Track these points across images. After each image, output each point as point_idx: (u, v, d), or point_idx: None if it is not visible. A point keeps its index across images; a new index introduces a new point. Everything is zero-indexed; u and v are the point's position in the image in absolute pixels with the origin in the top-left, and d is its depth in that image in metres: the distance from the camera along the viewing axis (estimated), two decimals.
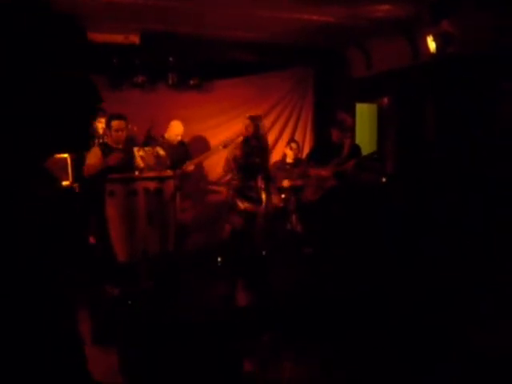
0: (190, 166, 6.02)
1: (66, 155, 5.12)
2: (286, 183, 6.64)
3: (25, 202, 1.22)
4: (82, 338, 1.43)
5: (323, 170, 5.78)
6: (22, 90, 1.19)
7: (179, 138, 6.31)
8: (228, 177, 5.94)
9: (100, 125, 5.62)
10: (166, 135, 6.31)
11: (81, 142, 1.54)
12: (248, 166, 5.62)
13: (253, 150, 5.62)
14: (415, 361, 3.26)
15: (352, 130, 5.83)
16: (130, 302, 4.44)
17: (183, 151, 6.25)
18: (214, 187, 6.95)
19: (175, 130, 6.31)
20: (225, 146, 5.89)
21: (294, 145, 6.93)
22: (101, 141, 5.52)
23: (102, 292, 4.70)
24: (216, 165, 6.70)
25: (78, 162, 5.19)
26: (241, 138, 5.67)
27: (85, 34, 1.36)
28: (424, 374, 3.10)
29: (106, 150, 5.15)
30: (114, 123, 5.14)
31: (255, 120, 5.68)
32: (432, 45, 5.43)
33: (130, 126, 5.40)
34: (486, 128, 5.24)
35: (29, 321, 1.25)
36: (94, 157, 5.08)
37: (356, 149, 6.00)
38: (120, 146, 5.22)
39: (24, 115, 1.20)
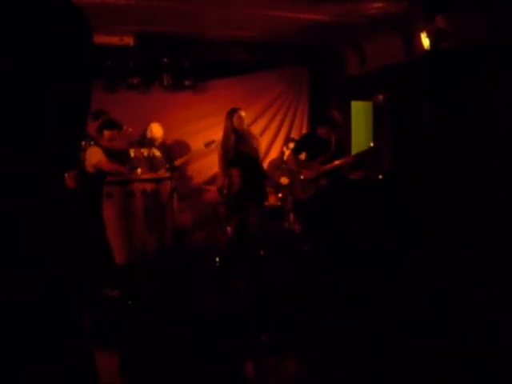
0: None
1: None
2: (283, 181, 6.65)
3: (26, 201, 1.22)
4: (86, 340, 1.43)
5: (310, 169, 5.62)
6: (24, 87, 1.19)
7: (159, 140, 6.30)
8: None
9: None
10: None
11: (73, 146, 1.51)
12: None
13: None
14: (413, 357, 3.26)
15: (341, 125, 5.67)
16: (129, 304, 4.44)
17: (164, 152, 6.20)
18: (208, 187, 6.95)
19: (155, 133, 6.29)
20: (206, 146, 6.00)
21: (292, 144, 6.90)
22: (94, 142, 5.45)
23: (101, 294, 4.69)
24: (206, 165, 6.80)
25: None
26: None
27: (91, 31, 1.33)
28: (423, 372, 3.10)
29: (105, 149, 5.07)
30: (106, 133, 4.94)
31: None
32: (426, 41, 5.45)
33: (130, 130, 5.33)
34: (483, 123, 5.25)
35: (29, 326, 1.24)
36: (96, 154, 4.85)
37: (342, 144, 5.82)
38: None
39: (25, 113, 1.20)
